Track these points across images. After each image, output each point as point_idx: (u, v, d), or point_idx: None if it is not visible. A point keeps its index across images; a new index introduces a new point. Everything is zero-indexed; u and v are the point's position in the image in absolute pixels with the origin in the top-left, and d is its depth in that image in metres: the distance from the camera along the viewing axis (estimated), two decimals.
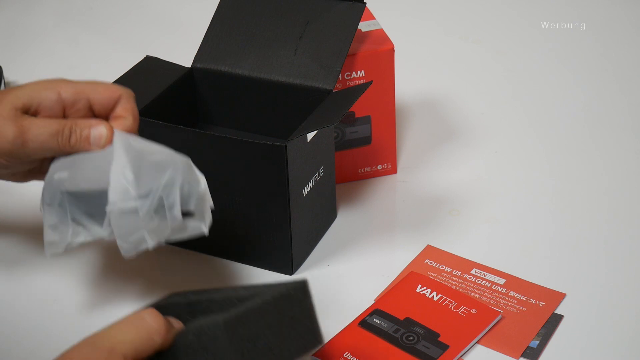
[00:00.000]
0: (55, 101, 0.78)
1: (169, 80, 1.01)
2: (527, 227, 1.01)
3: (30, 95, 0.77)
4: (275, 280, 0.95)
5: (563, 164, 1.11)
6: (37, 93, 0.78)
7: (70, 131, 0.77)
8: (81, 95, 0.79)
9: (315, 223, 0.98)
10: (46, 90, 0.78)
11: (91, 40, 1.39)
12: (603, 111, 1.20)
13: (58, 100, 0.78)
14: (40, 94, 0.78)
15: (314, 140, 0.94)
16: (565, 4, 1.43)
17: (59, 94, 0.79)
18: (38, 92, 0.78)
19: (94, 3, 1.49)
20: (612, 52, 1.32)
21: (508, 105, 1.22)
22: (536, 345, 0.87)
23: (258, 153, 0.90)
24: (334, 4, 1.01)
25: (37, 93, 0.78)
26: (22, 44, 1.40)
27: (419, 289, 0.92)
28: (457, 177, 1.09)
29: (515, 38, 1.36)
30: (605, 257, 0.97)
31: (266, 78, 0.99)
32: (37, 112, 0.78)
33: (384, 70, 1.02)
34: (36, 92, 0.78)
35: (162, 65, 1.02)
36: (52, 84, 0.79)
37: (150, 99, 0.97)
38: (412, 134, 1.16)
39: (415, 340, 0.86)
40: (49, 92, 0.78)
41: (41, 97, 0.78)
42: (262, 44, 1.01)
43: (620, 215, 1.02)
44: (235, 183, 0.92)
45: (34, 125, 0.76)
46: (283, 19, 1.02)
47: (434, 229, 1.01)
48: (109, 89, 0.80)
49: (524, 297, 0.92)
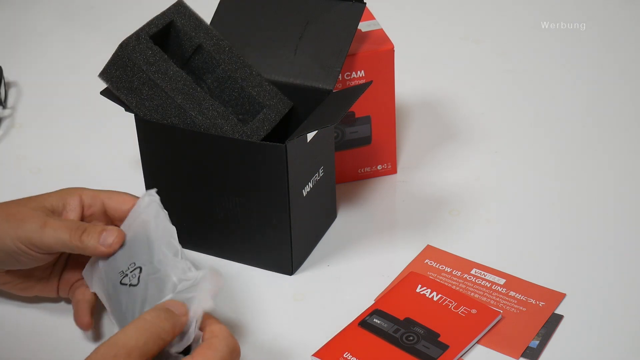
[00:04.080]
0: (77, 204, 0.87)
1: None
2: (527, 227, 1.01)
3: (57, 198, 0.86)
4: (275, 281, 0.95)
5: (563, 164, 1.11)
6: (63, 197, 0.87)
7: (84, 230, 0.83)
8: (97, 200, 0.87)
9: (315, 223, 0.99)
10: (71, 195, 0.87)
11: (91, 40, 1.39)
12: (603, 111, 1.20)
13: (79, 203, 0.87)
14: (66, 198, 0.87)
15: (314, 140, 0.94)
16: (565, 4, 1.43)
17: (80, 197, 0.87)
18: (64, 196, 0.87)
19: (94, 3, 1.49)
20: (612, 52, 1.32)
21: (508, 105, 1.22)
22: (536, 345, 0.87)
23: (258, 153, 0.90)
24: (334, 4, 1.01)
25: (64, 197, 0.86)
26: (22, 44, 1.40)
27: (419, 289, 0.92)
28: (457, 177, 1.09)
29: (515, 38, 1.36)
30: (605, 257, 0.97)
31: (266, 78, 0.99)
32: (61, 214, 0.86)
33: (384, 70, 1.02)
34: (63, 196, 0.87)
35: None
36: (76, 190, 0.88)
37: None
38: (412, 134, 1.16)
39: (415, 340, 0.86)
40: (73, 196, 0.87)
41: (66, 200, 0.87)
42: (262, 44, 1.01)
43: (620, 215, 1.02)
44: (235, 183, 0.92)
45: (55, 220, 0.84)
46: (283, 19, 1.02)
47: (434, 229, 1.01)
48: (123, 197, 0.88)
49: (524, 297, 0.92)
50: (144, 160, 0.97)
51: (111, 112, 1.07)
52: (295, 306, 0.92)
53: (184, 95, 0.92)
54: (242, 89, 0.97)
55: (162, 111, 0.92)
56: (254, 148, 0.90)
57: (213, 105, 0.93)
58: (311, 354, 0.86)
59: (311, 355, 0.86)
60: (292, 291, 0.94)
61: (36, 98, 1.27)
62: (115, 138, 1.17)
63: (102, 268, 0.84)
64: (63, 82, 1.31)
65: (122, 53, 0.91)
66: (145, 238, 0.83)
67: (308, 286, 0.94)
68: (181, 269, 0.79)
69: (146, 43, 0.92)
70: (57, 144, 1.18)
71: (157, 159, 0.96)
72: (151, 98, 0.92)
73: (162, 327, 0.74)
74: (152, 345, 0.73)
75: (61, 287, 0.89)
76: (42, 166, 1.13)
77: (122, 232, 0.83)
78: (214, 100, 0.94)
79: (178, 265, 0.80)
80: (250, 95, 0.97)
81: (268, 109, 0.96)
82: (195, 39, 0.96)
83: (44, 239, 0.82)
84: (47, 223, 0.82)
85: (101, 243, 0.82)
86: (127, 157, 1.13)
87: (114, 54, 0.92)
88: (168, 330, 0.74)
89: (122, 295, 0.81)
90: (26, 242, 0.82)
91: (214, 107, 0.92)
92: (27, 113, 1.24)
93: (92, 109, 1.23)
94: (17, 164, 1.14)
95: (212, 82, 0.98)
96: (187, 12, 0.97)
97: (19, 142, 1.19)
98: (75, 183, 1.08)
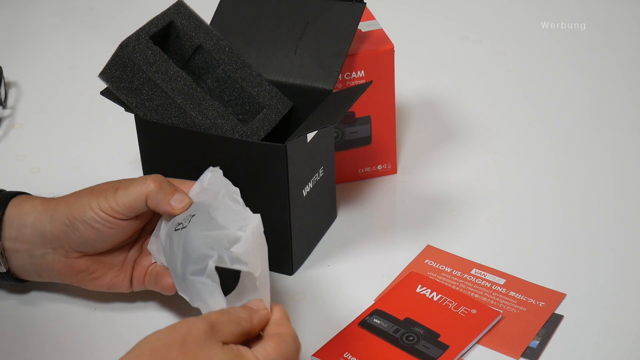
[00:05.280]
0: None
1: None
2: (527, 227, 1.01)
3: (137, 180, 0.88)
4: (275, 281, 0.95)
5: (563, 163, 1.11)
6: (142, 179, 0.88)
7: (161, 183, 0.86)
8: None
9: (315, 223, 0.99)
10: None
11: (91, 40, 1.40)
12: (603, 111, 1.20)
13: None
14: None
15: (314, 140, 0.94)
16: (565, 4, 1.43)
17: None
18: (142, 178, 0.88)
19: (94, 3, 1.49)
20: (612, 52, 1.32)
21: (508, 105, 1.22)
22: (536, 345, 0.87)
23: (258, 153, 0.90)
24: (334, 4, 1.01)
25: (142, 179, 0.88)
26: (22, 44, 1.40)
27: (419, 289, 0.92)
28: (457, 177, 1.09)
29: (515, 38, 1.36)
30: (605, 257, 0.97)
31: (266, 78, 0.99)
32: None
33: (384, 70, 1.02)
34: (141, 179, 0.88)
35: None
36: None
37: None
38: (412, 134, 1.16)
39: (415, 340, 0.86)
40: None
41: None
42: (262, 44, 1.01)
43: (620, 215, 1.02)
44: (235, 183, 0.92)
45: (127, 183, 0.87)
46: (283, 19, 1.02)
47: (434, 229, 1.01)
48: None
49: (524, 297, 0.92)
50: (144, 160, 0.97)
51: (111, 112, 1.07)
52: (295, 306, 0.92)
53: (184, 95, 0.92)
54: (242, 89, 0.97)
55: (162, 111, 0.92)
56: (254, 148, 0.90)
57: (213, 105, 0.93)
58: (311, 354, 0.86)
59: (311, 355, 0.86)
60: (292, 291, 0.94)
61: (36, 98, 1.27)
62: (115, 138, 1.17)
63: (163, 231, 0.87)
64: (63, 82, 1.31)
65: (122, 53, 0.91)
66: (205, 199, 0.85)
67: (308, 286, 0.94)
68: (236, 213, 0.81)
69: (146, 43, 0.92)
70: (57, 144, 1.18)
71: (157, 159, 0.96)
72: (151, 98, 0.92)
73: (239, 314, 0.77)
74: (229, 325, 0.76)
75: (135, 275, 0.90)
76: (42, 166, 1.13)
77: (191, 200, 0.86)
78: (214, 100, 0.94)
79: (233, 212, 0.82)
80: (250, 95, 0.97)
81: (268, 109, 0.96)
82: (195, 39, 0.96)
83: (117, 199, 0.85)
84: (120, 186, 0.86)
85: (171, 202, 0.85)
86: (127, 157, 1.13)
87: (114, 54, 0.92)
88: (246, 317, 0.77)
89: (174, 240, 0.83)
90: (105, 207, 0.85)
91: (214, 107, 0.92)
92: (27, 113, 1.24)
93: (92, 109, 1.23)
94: (17, 164, 1.14)
95: (212, 82, 0.98)
96: (187, 12, 0.97)
97: (19, 142, 1.19)
98: (75, 183, 1.09)
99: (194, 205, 0.85)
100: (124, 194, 0.85)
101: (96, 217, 0.86)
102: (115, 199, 0.85)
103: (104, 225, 0.86)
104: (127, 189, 0.86)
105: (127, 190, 0.86)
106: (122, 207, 0.85)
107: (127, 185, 0.86)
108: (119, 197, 0.85)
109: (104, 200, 0.86)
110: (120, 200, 0.85)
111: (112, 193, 0.86)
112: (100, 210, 0.85)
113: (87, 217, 0.86)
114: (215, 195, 0.85)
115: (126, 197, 0.85)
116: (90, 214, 0.86)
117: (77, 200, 0.87)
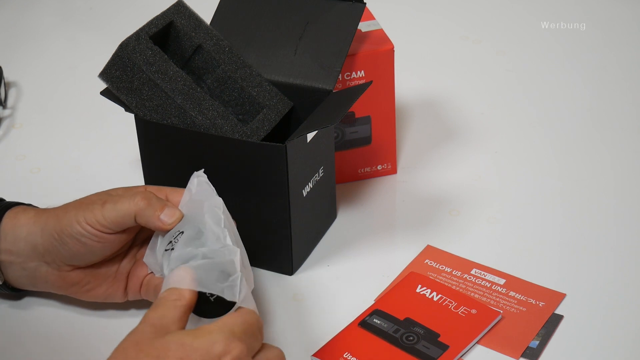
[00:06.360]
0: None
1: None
2: (527, 227, 1.01)
3: (126, 189, 0.88)
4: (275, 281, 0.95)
5: (563, 163, 1.11)
6: (131, 188, 0.88)
7: (150, 200, 0.85)
8: (161, 193, 0.88)
9: (315, 223, 0.99)
10: (137, 187, 0.88)
11: (91, 40, 1.40)
12: (603, 111, 1.20)
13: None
14: (133, 188, 0.88)
15: (314, 140, 0.94)
16: (565, 4, 1.43)
17: (145, 189, 0.88)
18: (132, 187, 0.88)
19: (94, 3, 1.49)
20: (612, 52, 1.32)
21: (508, 105, 1.22)
22: (536, 346, 0.87)
23: (258, 153, 0.90)
24: (334, 4, 1.01)
25: (132, 188, 0.88)
26: (22, 44, 1.40)
27: (419, 289, 0.92)
28: (457, 177, 1.09)
29: (515, 38, 1.36)
30: (605, 257, 0.97)
31: (266, 78, 0.99)
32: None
33: (384, 70, 1.02)
34: (131, 187, 0.88)
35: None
36: (142, 186, 0.89)
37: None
38: (412, 134, 1.16)
39: (415, 340, 0.86)
40: (139, 187, 0.88)
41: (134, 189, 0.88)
42: (262, 44, 1.01)
43: (620, 215, 1.02)
44: (235, 183, 0.92)
45: (115, 197, 0.86)
46: (283, 19, 1.02)
47: (434, 229, 1.01)
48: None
49: (524, 297, 0.92)
50: (144, 160, 0.97)
51: (111, 112, 1.07)
52: (295, 306, 0.92)
53: (184, 96, 0.92)
54: (242, 89, 0.97)
55: (162, 111, 0.92)
56: (254, 148, 0.90)
57: (213, 106, 0.93)
58: (311, 354, 0.86)
59: (311, 355, 0.86)
60: (292, 291, 0.94)
61: (36, 98, 1.27)
62: (115, 138, 1.17)
63: (160, 248, 0.86)
64: (63, 82, 1.31)
65: (122, 53, 0.91)
66: (194, 212, 0.84)
67: (308, 286, 0.94)
68: (215, 238, 0.80)
69: (146, 43, 0.92)
70: (57, 144, 1.18)
71: (157, 159, 0.96)
72: (151, 98, 0.92)
73: (234, 321, 0.75)
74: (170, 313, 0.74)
75: (130, 285, 0.90)
76: (42, 166, 1.13)
77: (181, 214, 0.85)
78: (214, 100, 0.94)
79: (214, 233, 0.81)
80: (250, 95, 0.97)
81: (268, 109, 0.96)
82: (195, 39, 0.96)
83: (105, 213, 0.84)
84: (108, 200, 0.85)
85: (161, 218, 0.84)
86: (127, 157, 1.13)
87: (114, 54, 0.92)
88: (239, 323, 0.74)
89: (164, 262, 0.83)
90: (92, 221, 0.84)
91: (214, 107, 0.92)
92: (27, 113, 1.24)
93: (92, 109, 1.23)
94: (17, 164, 1.14)
95: (212, 82, 0.98)
96: (187, 12, 0.97)
97: (19, 142, 1.19)
98: (75, 183, 1.09)
99: (184, 220, 0.84)
100: (112, 208, 0.84)
101: (83, 231, 0.84)
102: (102, 212, 0.84)
103: (92, 240, 0.85)
104: (115, 203, 0.84)
105: (115, 205, 0.84)
106: (109, 222, 0.84)
107: (115, 200, 0.85)
108: (106, 211, 0.84)
109: (90, 214, 0.84)
110: (108, 215, 0.84)
111: (99, 206, 0.85)
112: (87, 224, 0.84)
113: (74, 232, 0.84)
114: (201, 208, 0.84)
115: (114, 212, 0.84)
116: (77, 229, 0.84)
117: (65, 214, 0.86)
